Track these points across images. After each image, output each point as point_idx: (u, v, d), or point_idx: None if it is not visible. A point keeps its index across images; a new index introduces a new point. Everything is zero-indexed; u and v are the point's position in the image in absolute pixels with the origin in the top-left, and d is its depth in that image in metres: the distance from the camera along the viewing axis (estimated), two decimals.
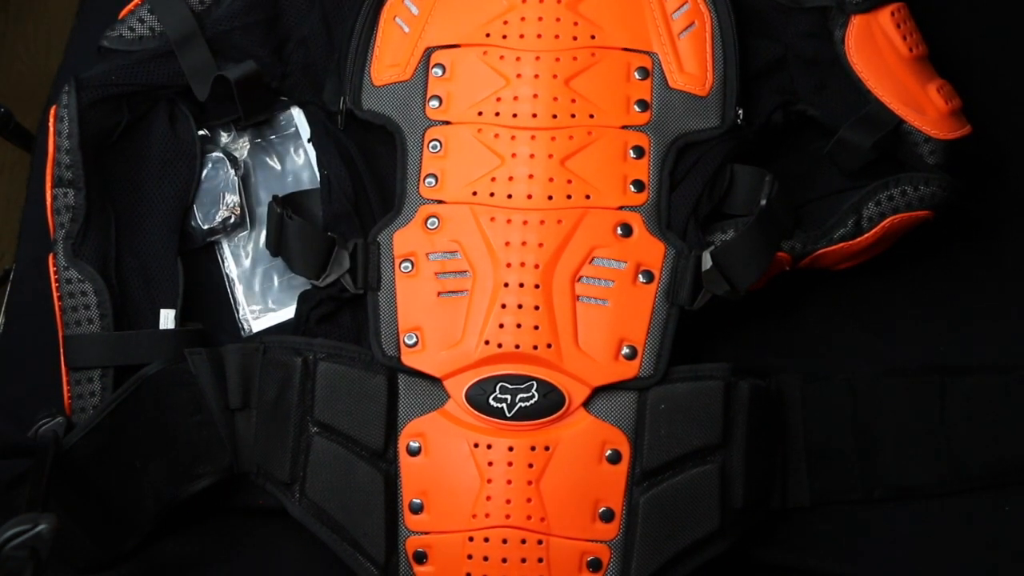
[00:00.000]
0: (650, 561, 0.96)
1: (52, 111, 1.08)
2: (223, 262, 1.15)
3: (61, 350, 1.05)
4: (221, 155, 1.15)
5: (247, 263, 1.15)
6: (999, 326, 1.12)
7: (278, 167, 1.17)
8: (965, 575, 1.04)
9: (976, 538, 1.05)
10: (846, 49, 1.06)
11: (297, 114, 1.18)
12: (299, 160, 1.17)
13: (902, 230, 1.07)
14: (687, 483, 0.97)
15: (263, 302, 1.14)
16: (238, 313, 1.14)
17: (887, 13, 1.06)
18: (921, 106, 1.06)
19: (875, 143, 1.04)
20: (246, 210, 1.15)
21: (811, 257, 1.05)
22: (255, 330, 1.13)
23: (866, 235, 1.05)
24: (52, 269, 1.06)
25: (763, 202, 1.01)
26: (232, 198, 1.13)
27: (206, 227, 1.13)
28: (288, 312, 1.13)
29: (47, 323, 1.07)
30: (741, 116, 1.04)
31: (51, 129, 1.07)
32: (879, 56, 1.06)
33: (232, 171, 1.14)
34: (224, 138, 1.17)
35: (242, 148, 1.17)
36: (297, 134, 1.18)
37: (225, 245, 1.15)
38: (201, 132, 1.15)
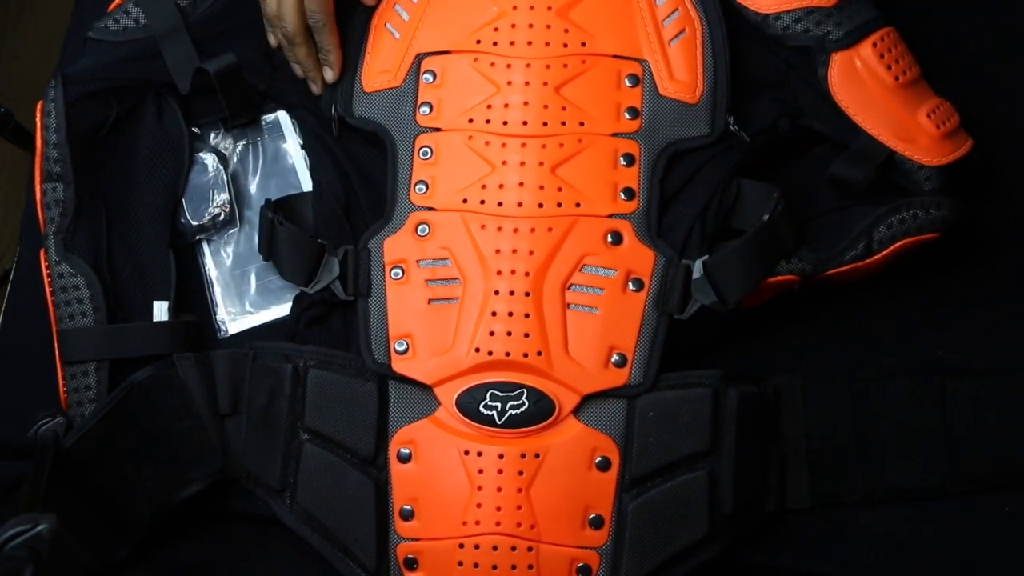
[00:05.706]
0: (639, 567, 0.96)
1: (39, 106, 1.08)
2: (203, 264, 1.15)
3: (55, 345, 1.06)
4: (211, 153, 1.15)
5: (228, 264, 1.15)
6: (1002, 334, 1.10)
7: (266, 167, 1.17)
8: None
9: (977, 541, 1.04)
10: (830, 86, 1.04)
11: (283, 116, 1.17)
12: (287, 161, 1.17)
13: (911, 250, 1.06)
14: (676, 490, 0.97)
15: (240, 305, 1.14)
16: (215, 315, 1.14)
17: (868, 46, 1.03)
18: (912, 135, 1.04)
19: (867, 174, 1.03)
20: (235, 208, 1.15)
21: (820, 277, 1.04)
22: (231, 332, 1.13)
23: (876, 256, 1.04)
24: (44, 264, 1.06)
25: (765, 217, 1.00)
26: (222, 196, 1.14)
27: (195, 224, 1.13)
28: (265, 316, 1.13)
29: (47, 323, 1.07)
30: (732, 123, 1.03)
31: (38, 124, 1.08)
32: (863, 90, 1.04)
33: (221, 168, 1.15)
34: (213, 137, 1.17)
35: (231, 148, 1.17)
36: (284, 136, 1.18)
37: (205, 247, 1.15)
38: (192, 130, 1.15)
